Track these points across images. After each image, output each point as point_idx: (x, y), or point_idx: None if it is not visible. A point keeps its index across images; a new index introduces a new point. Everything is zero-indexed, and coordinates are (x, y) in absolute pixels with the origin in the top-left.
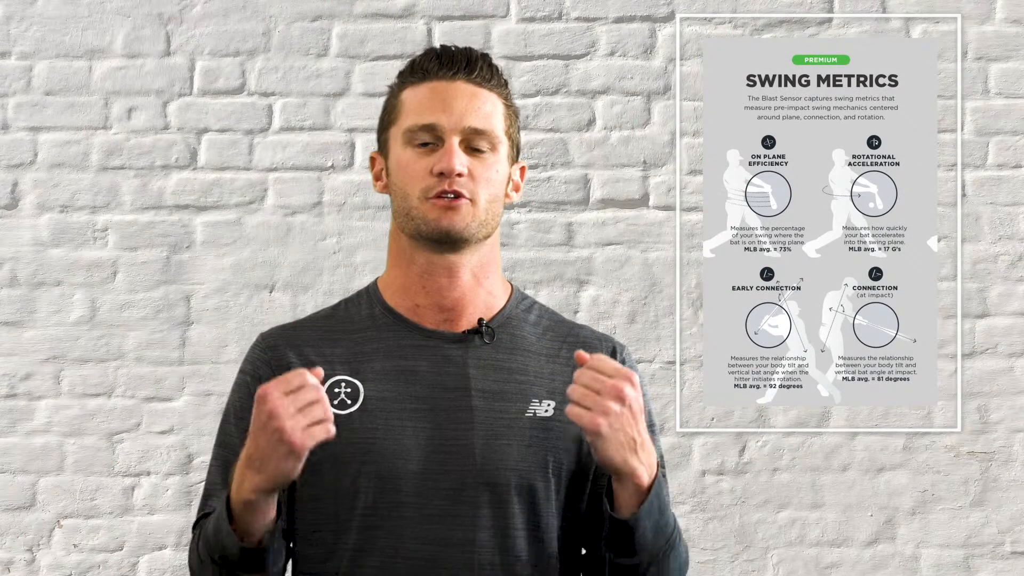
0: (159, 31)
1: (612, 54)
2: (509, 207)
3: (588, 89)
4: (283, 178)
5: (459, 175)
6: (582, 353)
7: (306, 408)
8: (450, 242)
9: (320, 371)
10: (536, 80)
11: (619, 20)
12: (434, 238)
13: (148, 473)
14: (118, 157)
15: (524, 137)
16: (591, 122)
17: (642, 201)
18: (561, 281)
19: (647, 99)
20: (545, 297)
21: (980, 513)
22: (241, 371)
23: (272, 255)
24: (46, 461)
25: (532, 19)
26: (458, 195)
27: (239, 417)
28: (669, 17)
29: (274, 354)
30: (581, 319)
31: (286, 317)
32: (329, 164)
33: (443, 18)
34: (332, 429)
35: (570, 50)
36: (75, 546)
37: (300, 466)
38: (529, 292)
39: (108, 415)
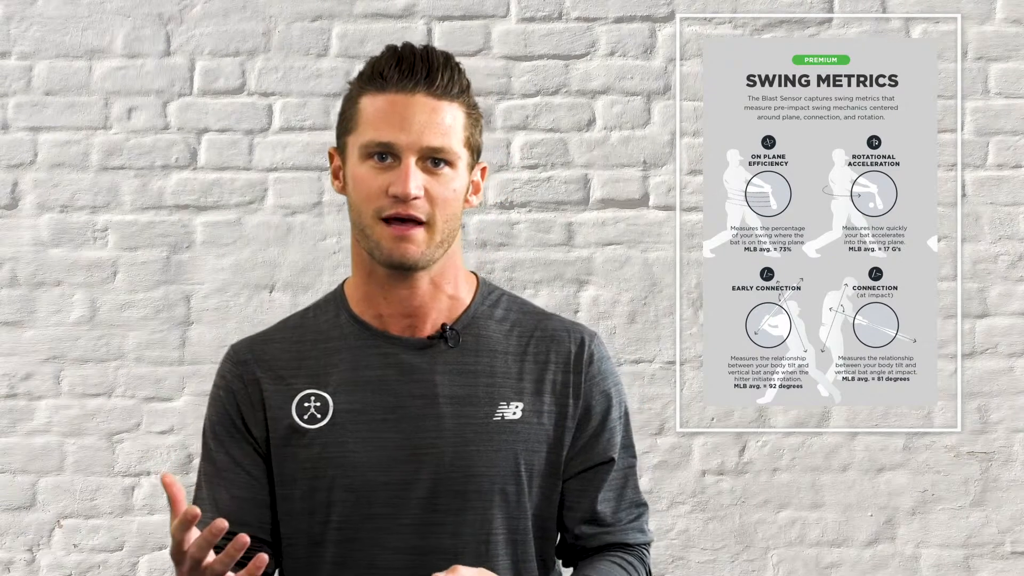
0: (159, 31)
1: (612, 54)
2: (471, 211)
3: (588, 89)
4: (283, 178)
5: (415, 198)
6: None
7: None
8: (404, 270)
9: (224, 523)
10: (536, 80)
11: (619, 20)
12: (387, 265)
13: (148, 473)
14: (118, 157)
15: (524, 137)
16: (591, 122)
17: (642, 201)
18: (561, 281)
19: (647, 99)
20: (545, 297)
21: (980, 513)
22: (215, 385)
23: (272, 255)
24: (46, 461)
25: (532, 19)
26: (413, 220)
27: (216, 431)
28: (669, 17)
29: (245, 369)
30: (581, 319)
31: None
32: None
33: (443, 18)
34: None
35: (570, 50)
36: (75, 546)
37: None
38: (529, 292)
39: (108, 415)
